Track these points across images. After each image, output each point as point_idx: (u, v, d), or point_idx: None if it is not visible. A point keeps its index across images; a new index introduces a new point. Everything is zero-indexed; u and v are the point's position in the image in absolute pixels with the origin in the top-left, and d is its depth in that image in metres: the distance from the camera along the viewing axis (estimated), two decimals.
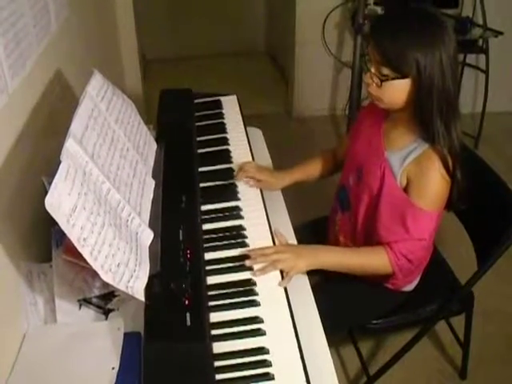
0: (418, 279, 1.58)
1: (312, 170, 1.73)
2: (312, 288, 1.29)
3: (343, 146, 1.70)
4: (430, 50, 1.24)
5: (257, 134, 1.87)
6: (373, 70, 1.32)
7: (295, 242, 1.41)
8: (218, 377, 0.98)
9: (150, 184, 1.36)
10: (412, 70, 1.25)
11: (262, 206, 1.44)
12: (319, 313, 1.21)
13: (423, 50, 1.23)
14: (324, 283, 1.55)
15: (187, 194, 1.36)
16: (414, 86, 1.28)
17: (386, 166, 1.40)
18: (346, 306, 1.55)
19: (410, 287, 1.58)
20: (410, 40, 1.24)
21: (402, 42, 1.25)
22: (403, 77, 1.27)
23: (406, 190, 1.38)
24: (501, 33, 3.05)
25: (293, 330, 1.09)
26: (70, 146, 1.04)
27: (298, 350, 1.04)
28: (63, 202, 0.94)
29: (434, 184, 1.34)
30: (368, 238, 1.49)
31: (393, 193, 1.39)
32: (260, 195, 1.48)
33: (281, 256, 1.26)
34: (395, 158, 1.39)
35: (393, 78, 1.28)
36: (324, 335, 1.16)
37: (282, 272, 1.25)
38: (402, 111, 1.36)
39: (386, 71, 1.28)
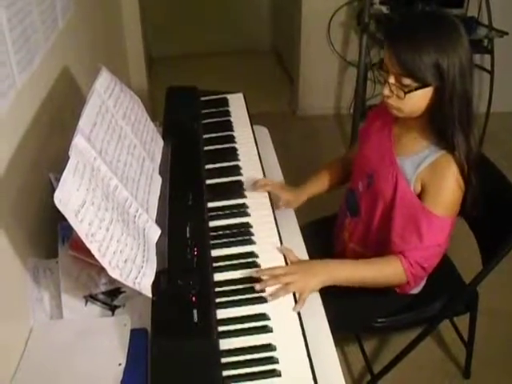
0: (424, 281, 1.58)
1: (323, 183, 1.68)
2: None
3: (352, 153, 1.67)
4: (451, 56, 1.22)
5: (263, 132, 1.87)
6: (392, 80, 1.28)
7: (302, 241, 1.41)
8: (225, 373, 0.98)
9: (157, 181, 1.36)
10: (435, 78, 1.23)
11: (269, 203, 1.43)
12: (325, 311, 1.21)
13: (444, 57, 1.22)
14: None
15: (194, 191, 1.36)
16: (436, 93, 1.26)
17: (399, 172, 1.38)
18: (352, 306, 1.54)
19: (416, 290, 1.57)
20: (429, 48, 1.21)
21: (422, 51, 1.21)
22: (426, 85, 1.25)
23: (419, 196, 1.36)
24: (506, 33, 3.05)
25: (299, 327, 1.09)
26: (79, 142, 1.04)
27: (304, 346, 1.04)
28: (72, 197, 0.94)
29: (450, 190, 1.32)
30: (380, 244, 1.47)
31: (407, 199, 1.37)
32: (266, 193, 1.47)
33: (292, 278, 1.19)
34: (408, 163, 1.37)
35: (416, 88, 1.26)
36: (330, 333, 1.16)
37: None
38: (417, 118, 1.34)
39: (407, 81, 1.26)
